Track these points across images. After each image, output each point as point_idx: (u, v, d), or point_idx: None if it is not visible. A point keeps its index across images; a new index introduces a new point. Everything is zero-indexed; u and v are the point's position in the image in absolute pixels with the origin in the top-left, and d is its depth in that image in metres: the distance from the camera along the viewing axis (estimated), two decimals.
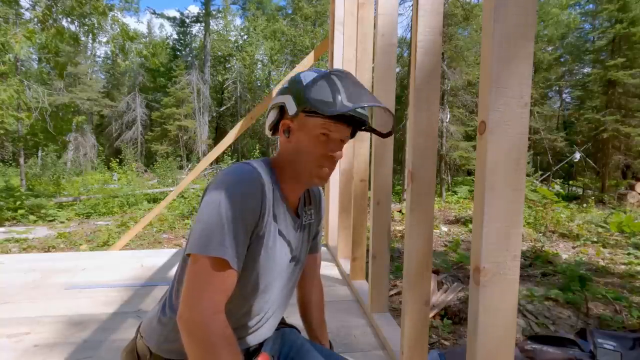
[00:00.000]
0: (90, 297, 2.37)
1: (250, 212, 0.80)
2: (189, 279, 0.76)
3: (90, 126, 23.78)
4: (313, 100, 0.80)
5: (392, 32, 1.95)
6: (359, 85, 0.86)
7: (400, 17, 14.96)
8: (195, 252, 0.76)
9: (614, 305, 3.39)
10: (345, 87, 0.82)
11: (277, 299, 0.96)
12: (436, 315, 3.04)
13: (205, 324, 0.73)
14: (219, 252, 0.75)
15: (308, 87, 0.82)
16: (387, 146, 2.00)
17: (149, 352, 0.91)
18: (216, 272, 0.75)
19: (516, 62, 0.86)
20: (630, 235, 6.63)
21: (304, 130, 0.87)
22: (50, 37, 8.10)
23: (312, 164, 0.87)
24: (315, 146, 0.86)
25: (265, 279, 0.89)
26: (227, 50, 24.93)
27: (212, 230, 0.76)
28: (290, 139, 0.89)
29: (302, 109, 0.84)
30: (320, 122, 0.85)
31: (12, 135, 13.42)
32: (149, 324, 0.94)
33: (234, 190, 0.79)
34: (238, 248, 0.78)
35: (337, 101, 0.80)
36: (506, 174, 0.88)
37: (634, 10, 12.68)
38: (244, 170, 0.83)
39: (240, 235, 0.78)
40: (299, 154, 0.88)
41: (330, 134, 0.86)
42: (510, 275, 0.91)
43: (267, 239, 0.86)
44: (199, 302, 0.74)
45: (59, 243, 6.13)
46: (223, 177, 0.82)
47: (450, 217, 9.00)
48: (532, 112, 15.91)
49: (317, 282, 1.19)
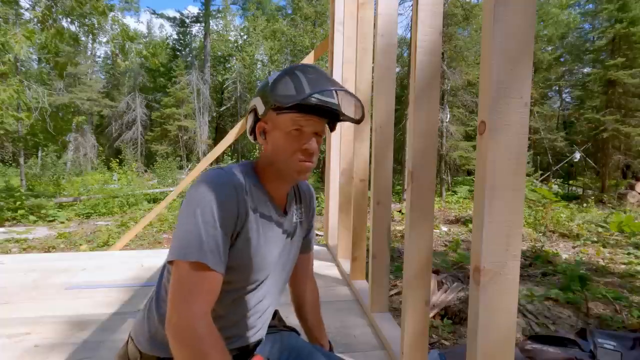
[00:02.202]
0: (90, 297, 2.37)
1: (227, 215, 0.82)
2: (172, 284, 0.79)
3: (90, 126, 23.77)
4: (278, 96, 0.82)
5: (392, 32, 1.94)
6: (322, 74, 0.87)
7: (400, 17, 14.98)
8: (175, 259, 0.78)
9: (614, 305, 3.39)
10: (307, 79, 0.83)
11: (269, 295, 0.98)
12: (436, 315, 3.04)
13: (191, 327, 0.75)
14: (197, 257, 0.77)
15: (273, 85, 0.84)
16: (387, 146, 2.00)
17: (139, 354, 0.93)
18: (198, 276, 0.77)
19: (516, 62, 0.86)
20: (630, 235, 6.63)
21: (278, 128, 0.88)
22: (50, 37, 8.10)
23: (289, 160, 0.88)
24: (289, 142, 0.88)
25: (255, 276, 0.91)
26: (227, 50, 24.93)
27: (190, 236, 0.78)
28: (267, 140, 0.91)
29: (269, 108, 0.86)
30: (290, 117, 0.87)
31: (12, 135, 13.43)
32: (136, 326, 0.96)
33: (208, 196, 0.81)
34: (218, 250, 0.80)
35: (299, 92, 0.81)
36: (506, 174, 0.88)
37: (634, 10, 12.68)
38: (218, 174, 0.85)
39: (219, 238, 0.80)
40: (276, 153, 0.89)
41: (302, 128, 0.87)
42: (510, 275, 0.91)
43: (252, 238, 0.88)
44: (184, 306, 0.76)
45: (59, 243, 6.13)
46: (197, 185, 0.84)
47: (450, 217, 9.00)
48: (532, 112, 15.92)
49: (311, 281, 1.19)
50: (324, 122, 0.92)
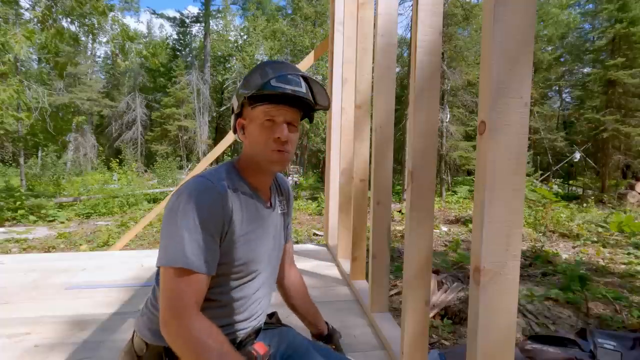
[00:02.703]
0: (90, 297, 2.37)
1: (211, 218, 0.86)
2: (162, 290, 0.84)
3: (90, 126, 23.77)
4: (246, 88, 0.88)
5: (392, 32, 1.94)
6: (288, 65, 0.92)
7: (400, 17, 14.98)
8: (162, 265, 0.84)
9: (614, 305, 3.39)
10: (272, 67, 0.89)
11: (265, 285, 1.04)
12: (436, 315, 3.04)
13: (184, 325, 0.80)
14: (181, 263, 0.82)
15: (244, 81, 0.91)
16: (387, 146, 2.00)
17: (145, 345, 0.95)
18: (184, 281, 0.82)
19: (516, 62, 0.86)
20: (630, 235, 6.63)
21: (253, 122, 0.93)
22: (50, 37, 8.10)
23: (264, 150, 0.92)
24: (263, 133, 0.91)
25: (251, 268, 0.96)
26: (227, 50, 24.92)
27: (173, 243, 0.83)
28: (245, 135, 0.96)
29: (241, 102, 0.92)
30: (262, 109, 0.91)
31: (12, 135, 13.44)
32: (140, 320, 0.99)
33: (189, 203, 0.85)
34: (202, 253, 0.84)
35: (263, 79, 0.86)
36: (506, 174, 0.88)
37: (634, 10, 12.68)
38: (198, 182, 0.89)
39: (202, 241, 0.84)
40: (253, 145, 0.94)
41: (274, 118, 0.91)
42: (510, 275, 0.91)
43: (243, 234, 0.92)
44: (174, 307, 0.81)
45: (59, 243, 6.13)
46: (178, 194, 0.88)
47: (450, 217, 9.00)
48: (532, 112, 15.92)
49: (294, 269, 1.26)
50: (296, 112, 0.95)
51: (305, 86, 0.90)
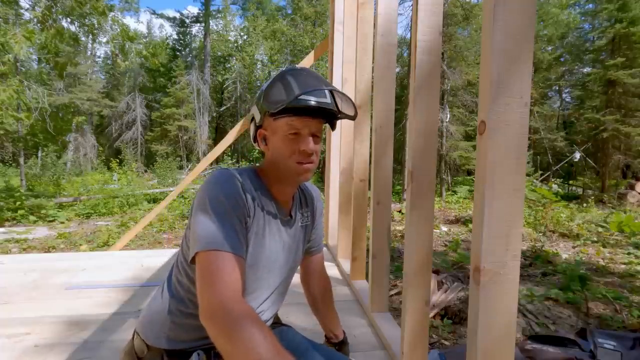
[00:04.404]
0: (90, 297, 2.37)
1: (237, 204, 0.86)
2: (198, 276, 0.80)
3: (90, 126, 23.75)
4: (269, 102, 0.87)
5: (392, 32, 1.94)
6: (312, 75, 0.90)
7: (400, 17, 14.98)
8: (198, 251, 0.81)
9: (614, 305, 3.39)
10: (297, 81, 0.86)
11: (271, 295, 1.00)
12: (436, 315, 3.04)
13: (223, 306, 0.75)
14: (216, 245, 0.80)
15: (266, 93, 0.89)
16: (387, 146, 2.00)
17: (146, 347, 0.94)
18: (219, 262, 0.80)
19: (516, 61, 0.86)
20: (630, 235, 6.63)
21: (276, 134, 0.92)
22: (50, 37, 8.10)
23: (289, 162, 0.91)
24: (287, 145, 0.90)
25: (256, 274, 0.93)
26: (227, 51, 24.92)
27: (206, 229, 0.82)
28: (268, 146, 0.94)
29: (264, 115, 0.91)
30: (286, 121, 0.89)
31: (12, 135, 13.43)
32: (143, 321, 0.98)
33: (216, 191, 0.85)
34: (235, 235, 0.83)
35: (289, 95, 0.84)
36: (506, 174, 0.88)
37: (634, 10, 12.67)
38: (221, 173, 0.90)
39: (234, 226, 0.84)
40: (277, 157, 0.93)
41: (299, 130, 0.90)
42: (510, 275, 0.91)
43: (256, 235, 0.91)
44: (213, 290, 0.78)
45: (59, 243, 6.13)
46: (204, 185, 0.88)
47: (450, 217, 9.00)
48: (532, 112, 15.92)
49: (325, 278, 1.24)
50: (320, 122, 0.94)
51: (329, 95, 0.89)
